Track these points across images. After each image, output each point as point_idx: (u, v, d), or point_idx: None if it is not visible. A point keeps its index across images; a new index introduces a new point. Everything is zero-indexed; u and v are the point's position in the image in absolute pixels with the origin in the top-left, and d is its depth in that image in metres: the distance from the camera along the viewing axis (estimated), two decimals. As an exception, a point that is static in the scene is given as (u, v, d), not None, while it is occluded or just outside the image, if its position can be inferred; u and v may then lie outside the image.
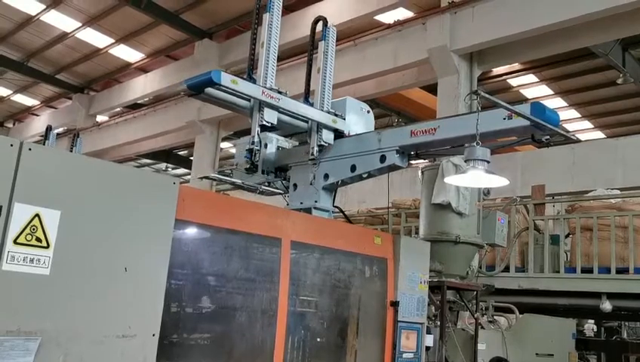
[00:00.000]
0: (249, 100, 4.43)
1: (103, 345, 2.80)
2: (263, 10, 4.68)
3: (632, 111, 17.38)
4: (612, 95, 16.37)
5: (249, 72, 4.48)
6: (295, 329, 3.93)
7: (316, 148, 4.75)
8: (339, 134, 4.88)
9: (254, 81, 4.41)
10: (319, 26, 5.08)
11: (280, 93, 4.50)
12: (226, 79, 4.13)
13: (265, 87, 4.40)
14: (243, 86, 4.27)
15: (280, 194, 5.19)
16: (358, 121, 5.07)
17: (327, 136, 4.81)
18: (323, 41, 5.02)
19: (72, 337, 2.72)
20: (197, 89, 4.22)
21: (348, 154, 4.74)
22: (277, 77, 4.55)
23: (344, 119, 4.93)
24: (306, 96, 4.89)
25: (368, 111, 5.21)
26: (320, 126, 4.77)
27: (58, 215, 2.72)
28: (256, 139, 4.47)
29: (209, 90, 4.21)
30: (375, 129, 5.06)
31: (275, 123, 4.54)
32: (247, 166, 4.67)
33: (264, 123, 4.45)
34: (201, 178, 5.08)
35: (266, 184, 5.20)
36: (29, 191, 2.66)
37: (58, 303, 2.70)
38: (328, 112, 4.83)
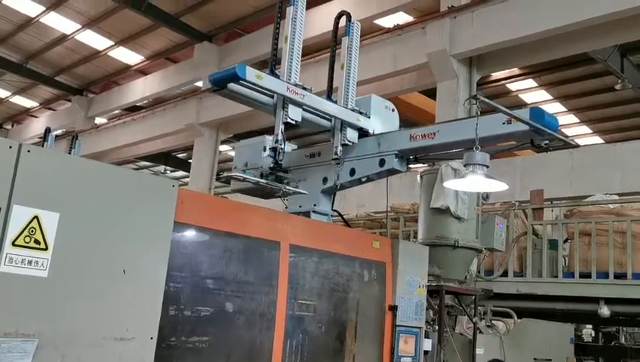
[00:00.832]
0: (272, 97, 4.31)
1: (101, 348, 2.79)
2: (286, 4, 4.54)
3: (631, 116, 17.41)
4: (610, 100, 16.40)
5: (271, 68, 4.29)
6: (293, 332, 3.92)
7: (340, 148, 4.60)
8: (363, 133, 4.73)
9: (277, 77, 4.25)
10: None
11: (305, 89, 4.33)
12: (251, 74, 3.98)
13: (289, 83, 4.25)
14: (268, 81, 4.11)
15: (304, 193, 4.94)
16: (382, 119, 4.90)
17: (352, 135, 4.66)
18: (347, 37, 4.87)
19: (70, 339, 2.71)
20: (220, 84, 4.10)
21: (349, 158, 4.73)
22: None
23: (369, 117, 4.77)
24: (329, 94, 4.69)
25: (393, 110, 5.05)
26: (344, 124, 4.63)
27: (57, 217, 2.72)
28: (280, 138, 4.29)
29: (232, 85, 4.09)
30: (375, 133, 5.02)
31: (300, 120, 4.40)
32: (272, 165, 4.50)
33: (289, 120, 4.29)
34: (226, 177, 4.88)
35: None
36: (28, 193, 2.66)
37: (56, 305, 2.69)
38: (353, 110, 4.68)
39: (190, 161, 19.56)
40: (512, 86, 16.20)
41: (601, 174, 12.47)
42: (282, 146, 4.32)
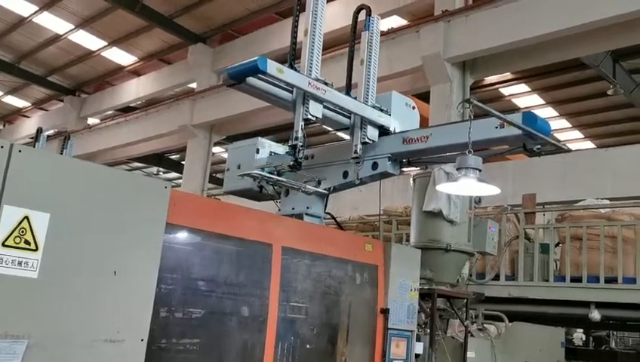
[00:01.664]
0: (291, 92, 4.16)
1: (91, 350, 2.77)
2: None
3: (622, 122, 17.53)
4: (602, 106, 16.50)
5: (290, 62, 4.09)
6: (285, 335, 3.91)
7: (360, 146, 4.45)
8: (383, 131, 4.58)
9: (297, 72, 4.09)
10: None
11: (326, 84, 4.18)
12: (272, 67, 3.80)
13: (310, 78, 4.09)
14: (289, 75, 3.94)
15: (324, 193, 4.85)
16: (403, 117, 4.74)
17: (372, 133, 4.50)
18: (367, 31, 4.72)
19: (60, 341, 2.69)
20: (239, 78, 3.91)
21: (342, 161, 4.71)
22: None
23: (389, 115, 4.62)
24: (348, 90, 4.50)
25: (413, 108, 4.90)
26: (364, 122, 4.47)
27: (47, 217, 2.70)
28: (299, 135, 4.13)
29: (251, 80, 3.92)
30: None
31: (320, 117, 4.24)
32: (291, 163, 4.29)
33: (309, 117, 4.13)
34: (242, 175, 4.76)
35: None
36: (19, 193, 2.64)
37: (46, 306, 2.67)
38: (374, 107, 4.53)
39: (183, 162, 19.51)
40: (505, 90, 16.27)
41: (593, 179, 12.53)
42: (302, 144, 4.18)
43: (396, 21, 13.48)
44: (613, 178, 12.31)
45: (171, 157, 24.20)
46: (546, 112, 16.59)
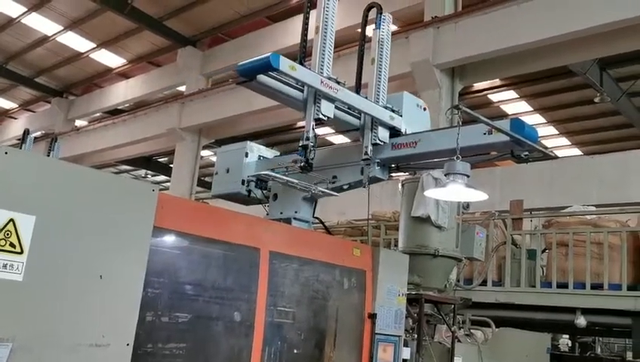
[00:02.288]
0: (302, 91, 4.06)
1: (76, 354, 2.74)
2: None
3: (609, 129, 17.69)
4: (589, 113, 16.65)
5: (300, 60, 3.96)
6: (272, 340, 3.90)
7: (370, 148, 4.34)
8: (394, 133, 4.48)
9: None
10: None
11: (338, 83, 4.07)
12: (285, 64, 3.68)
13: (322, 76, 3.98)
14: (301, 73, 3.82)
15: (334, 196, 4.80)
16: (413, 118, 4.64)
17: (383, 134, 4.38)
18: (377, 30, 4.64)
19: (44, 344, 2.66)
20: (250, 74, 3.81)
21: (330, 165, 4.71)
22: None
23: (401, 116, 4.51)
24: (357, 90, 4.40)
25: (425, 109, 4.83)
26: (375, 123, 4.36)
27: (33, 220, 2.67)
28: (311, 135, 4.01)
29: (262, 77, 3.81)
30: (357, 141, 5.00)
31: (332, 117, 4.12)
32: (301, 164, 4.17)
33: (320, 116, 4.02)
34: (254, 176, 4.66)
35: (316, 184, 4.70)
36: (4, 195, 2.61)
37: (31, 310, 2.65)
38: (385, 108, 4.42)
39: (171, 165, 19.43)
40: (494, 97, 16.37)
41: (580, 186, 12.64)
42: (313, 144, 4.05)
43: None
44: (600, 185, 12.42)
45: (160, 160, 24.09)
46: (534, 119, 16.71)
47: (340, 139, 19.89)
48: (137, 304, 2.99)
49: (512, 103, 16.63)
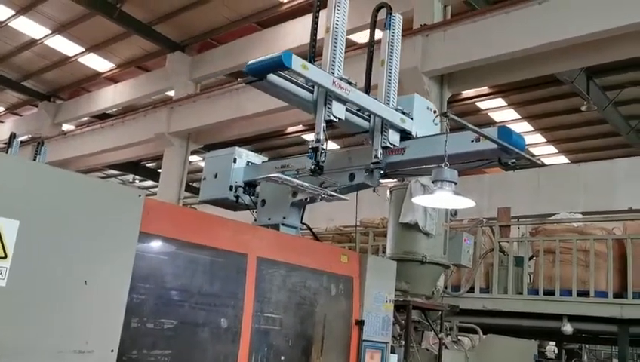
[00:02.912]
0: (312, 91, 3.96)
1: (59, 360, 2.71)
2: None
3: (595, 137, 17.85)
4: (576, 121, 16.79)
5: (310, 60, 3.86)
6: (259, 346, 3.87)
7: (380, 151, 4.23)
8: (405, 135, 4.37)
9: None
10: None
11: (350, 84, 3.95)
12: (297, 63, 3.55)
13: (334, 77, 3.87)
14: (314, 73, 3.70)
15: (345, 200, 4.72)
16: (424, 121, 4.52)
17: (394, 137, 4.28)
18: (387, 30, 4.53)
19: (27, 350, 2.63)
20: (260, 74, 3.67)
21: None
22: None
23: (412, 118, 4.39)
24: (367, 91, 4.30)
25: (435, 112, 4.75)
26: (385, 125, 4.25)
27: (17, 225, 2.64)
28: (321, 137, 3.91)
29: (272, 77, 3.69)
30: (345, 147, 4.99)
31: (343, 118, 4.01)
32: (312, 167, 4.07)
33: (331, 118, 3.92)
34: (266, 178, 4.55)
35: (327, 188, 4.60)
36: (-12, 199, 2.58)
37: (14, 315, 2.61)
38: (396, 110, 4.31)
39: (160, 170, 19.35)
40: (482, 104, 16.47)
41: (566, 193, 12.74)
42: (323, 146, 3.96)
43: (375, 34, 13.56)
44: (586, 193, 12.53)
45: (148, 165, 23.98)
46: (522, 127, 16.83)
47: (329, 146, 19.89)
48: (122, 310, 2.96)
49: (500, 111, 16.74)
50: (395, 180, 6.69)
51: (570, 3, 9.33)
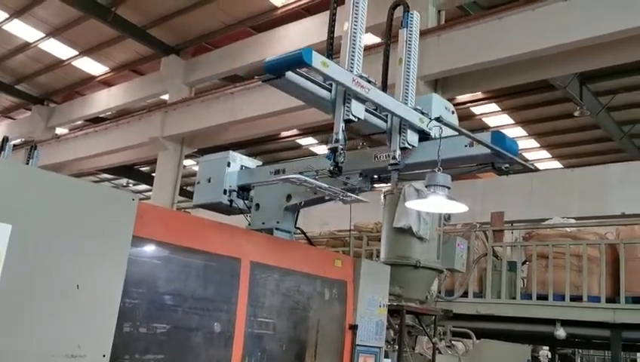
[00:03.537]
0: (329, 90, 3.86)
1: (51, 365, 2.69)
2: None
3: (588, 143, 17.92)
4: (569, 127, 16.86)
5: (328, 58, 3.74)
6: (252, 351, 3.86)
7: (399, 152, 4.11)
8: (423, 136, 4.25)
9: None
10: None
11: (369, 82, 3.86)
12: (317, 60, 3.44)
13: (354, 75, 3.78)
14: (334, 70, 3.59)
15: (365, 202, 4.63)
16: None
17: (412, 138, 4.17)
18: (405, 28, 4.43)
19: (18, 355, 2.62)
20: (278, 71, 3.55)
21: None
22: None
23: (430, 119, 4.27)
24: (383, 91, 4.17)
25: (453, 112, 4.63)
26: (404, 125, 4.14)
27: (9, 229, 2.63)
28: (340, 137, 3.80)
29: (290, 74, 3.57)
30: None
31: (362, 118, 3.90)
32: (330, 168, 3.94)
33: (351, 117, 3.81)
34: (283, 180, 4.42)
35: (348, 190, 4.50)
36: (-20, 203, 2.57)
37: (5, 320, 2.60)
38: (415, 110, 4.21)
39: (153, 174, 19.29)
40: (476, 109, 16.51)
41: (559, 198, 12.79)
42: (342, 147, 3.84)
43: (370, 39, 13.61)
44: (579, 198, 12.57)
45: (142, 169, 23.91)
46: (515, 132, 16.89)
47: (323, 150, 19.92)
48: (115, 314, 2.95)
49: (494, 116, 16.80)
50: (389, 185, 6.70)
51: (563, 9, 9.39)
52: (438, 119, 3.91)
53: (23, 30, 16.86)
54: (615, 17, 8.82)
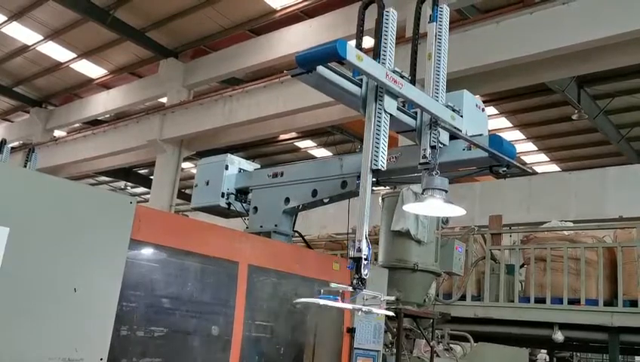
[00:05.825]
0: (359, 85, 3.74)
1: (48, 369, 2.69)
2: None
3: (586, 146, 17.96)
4: (567, 130, 16.89)
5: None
6: (250, 354, 3.86)
7: (429, 150, 3.92)
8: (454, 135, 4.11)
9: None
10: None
11: (402, 77, 3.73)
12: (352, 53, 3.28)
13: (387, 69, 3.64)
14: (368, 64, 3.43)
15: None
16: (473, 119, 4.27)
17: (443, 136, 4.01)
18: (434, 23, 4.30)
19: (16, 358, 2.61)
20: (310, 64, 3.41)
21: (311, 179, 4.70)
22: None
23: (462, 116, 4.15)
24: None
25: (483, 110, 4.52)
26: (433, 123, 3.98)
27: (7, 232, 2.63)
28: (364, 246, 3.72)
29: (321, 68, 3.44)
30: (338, 154, 4.98)
31: (395, 114, 3.77)
32: (354, 281, 3.74)
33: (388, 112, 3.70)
34: (295, 303, 4.17)
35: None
36: (-23, 206, 2.57)
37: (2, 323, 2.60)
38: (446, 107, 4.07)
39: (152, 177, 19.28)
40: (474, 112, 16.51)
41: (557, 201, 12.80)
42: (368, 259, 3.72)
43: (367, 42, 13.62)
44: (577, 200, 12.58)
45: (140, 171, 23.89)
46: (514, 135, 16.92)
47: (321, 153, 19.92)
48: (112, 317, 2.95)
49: (492, 119, 16.80)
50: (388, 188, 6.70)
51: (561, 13, 9.42)
52: (435, 122, 3.91)
53: (21, 33, 16.85)
54: (613, 21, 8.84)
